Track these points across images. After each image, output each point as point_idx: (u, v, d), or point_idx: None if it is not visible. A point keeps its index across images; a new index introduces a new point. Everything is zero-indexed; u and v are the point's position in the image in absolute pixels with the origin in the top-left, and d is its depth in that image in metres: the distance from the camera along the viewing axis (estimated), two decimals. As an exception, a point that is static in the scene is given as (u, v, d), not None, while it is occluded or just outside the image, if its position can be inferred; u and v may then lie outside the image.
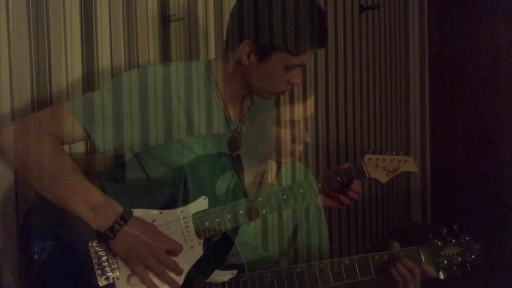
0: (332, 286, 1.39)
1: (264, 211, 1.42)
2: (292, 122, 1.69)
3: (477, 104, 4.00)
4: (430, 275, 1.40)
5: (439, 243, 1.43)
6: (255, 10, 1.41)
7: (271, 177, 1.74)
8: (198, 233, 1.36)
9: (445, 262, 1.41)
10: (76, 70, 1.63)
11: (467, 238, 1.43)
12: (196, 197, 1.38)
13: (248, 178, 1.61)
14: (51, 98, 1.57)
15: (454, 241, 1.43)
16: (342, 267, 1.39)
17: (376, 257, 1.41)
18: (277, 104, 1.74)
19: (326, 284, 1.39)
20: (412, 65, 4.15)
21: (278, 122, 1.71)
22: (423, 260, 1.41)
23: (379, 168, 1.56)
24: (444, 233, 1.44)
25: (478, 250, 1.43)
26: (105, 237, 1.28)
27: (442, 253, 1.42)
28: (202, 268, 1.35)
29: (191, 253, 1.35)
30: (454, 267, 1.41)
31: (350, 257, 1.40)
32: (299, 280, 1.38)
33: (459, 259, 1.41)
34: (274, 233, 1.71)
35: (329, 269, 1.39)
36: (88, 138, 1.40)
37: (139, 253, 1.28)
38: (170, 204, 1.37)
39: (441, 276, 1.41)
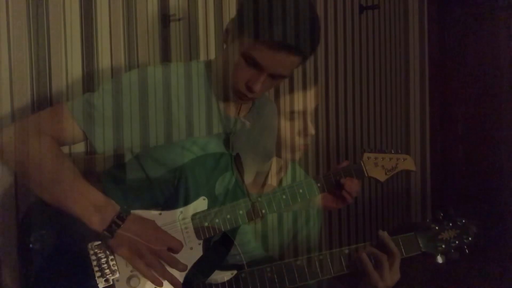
0: (332, 277, 1.40)
1: (263, 211, 1.42)
2: (297, 114, 1.69)
3: (477, 104, 4.00)
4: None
5: (436, 228, 1.43)
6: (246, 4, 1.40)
7: (276, 179, 1.74)
8: (197, 234, 1.36)
9: (443, 246, 1.42)
10: (76, 70, 1.63)
11: (463, 221, 1.44)
12: (196, 197, 1.38)
13: (249, 178, 1.61)
14: (51, 98, 1.57)
15: (450, 224, 1.43)
16: (342, 257, 1.39)
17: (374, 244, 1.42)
18: (279, 96, 1.73)
19: (326, 275, 1.39)
20: (412, 65, 4.14)
21: (282, 116, 1.71)
22: (421, 246, 1.42)
23: (378, 166, 1.56)
24: (441, 218, 1.45)
25: (475, 232, 1.44)
26: (103, 237, 1.28)
27: (439, 237, 1.42)
28: (201, 268, 1.35)
29: (191, 253, 1.34)
30: (452, 251, 1.42)
31: (350, 246, 1.41)
32: (299, 273, 1.38)
33: (457, 242, 1.42)
34: (274, 233, 1.71)
35: (329, 261, 1.39)
36: (87, 139, 1.40)
37: (139, 252, 1.27)
38: (169, 204, 1.37)
39: (440, 260, 1.42)
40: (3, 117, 1.46)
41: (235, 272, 1.37)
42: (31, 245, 1.28)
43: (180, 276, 1.32)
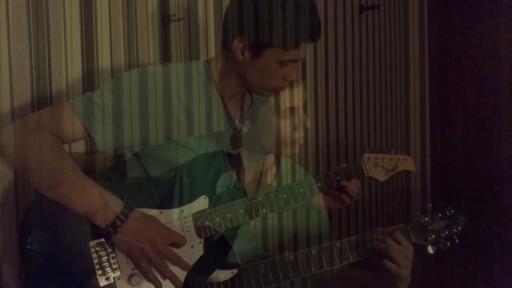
0: (325, 271, 1.40)
1: (264, 211, 1.42)
2: (291, 109, 1.69)
3: (477, 104, 3.99)
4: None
5: (426, 219, 1.45)
6: (247, 7, 1.42)
7: (270, 176, 1.74)
8: (198, 232, 1.36)
9: (433, 236, 1.43)
10: (76, 70, 1.63)
11: (452, 211, 1.46)
12: (197, 196, 1.38)
13: (249, 177, 1.61)
14: (51, 98, 1.57)
15: (440, 215, 1.46)
16: (334, 250, 1.40)
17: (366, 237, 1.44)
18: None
19: (319, 269, 1.39)
20: (412, 65, 4.14)
21: (277, 112, 1.71)
22: (411, 237, 1.43)
23: (378, 167, 1.56)
24: (430, 209, 1.47)
25: (464, 222, 1.45)
26: (107, 233, 1.28)
27: (429, 228, 1.44)
28: (202, 267, 1.35)
29: (192, 252, 1.35)
30: (442, 241, 1.43)
31: (341, 240, 1.42)
32: (293, 268, 1.38)
33: (446, 232, 1.44)
34: (274, 232, 1.71)
35: (320, 254, 1.39)
36: (88, 136, 1.40)
37: (142, 249, 1.28)
38: (170, 203, 1.37)
39: (430, 251, 1.43)
40: (3, 117, 1.46)
41: (235, 271, 1.37)
42: (31, 244, 1.28)
43: (181, 274, 1.32)
